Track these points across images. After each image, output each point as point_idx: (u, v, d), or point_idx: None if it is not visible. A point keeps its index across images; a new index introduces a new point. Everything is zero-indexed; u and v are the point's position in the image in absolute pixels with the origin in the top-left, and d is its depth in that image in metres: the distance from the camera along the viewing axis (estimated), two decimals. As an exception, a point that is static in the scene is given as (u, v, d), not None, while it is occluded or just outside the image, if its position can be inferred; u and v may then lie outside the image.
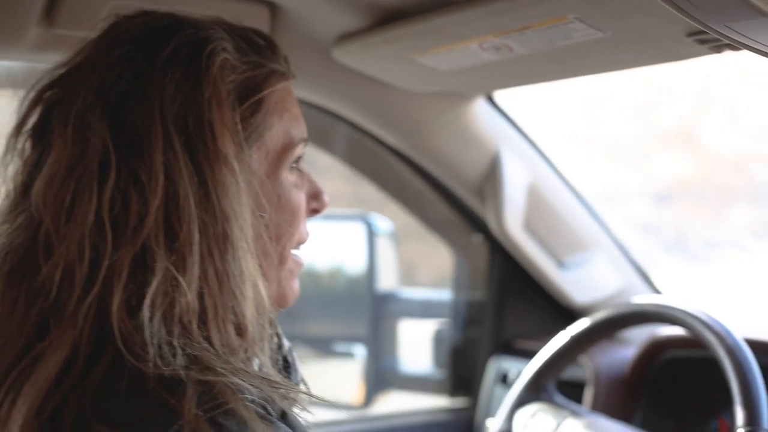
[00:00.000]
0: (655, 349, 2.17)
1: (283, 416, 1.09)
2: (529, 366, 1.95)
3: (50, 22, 1.63)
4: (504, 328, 2.61)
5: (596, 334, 1.90)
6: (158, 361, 1.04)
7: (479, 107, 2.21)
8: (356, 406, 2.92)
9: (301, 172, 1.31)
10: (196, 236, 1.10)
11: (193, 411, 1.00)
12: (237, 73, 1.22)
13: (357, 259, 3.09)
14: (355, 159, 2.47)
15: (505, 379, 2.49)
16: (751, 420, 1.54)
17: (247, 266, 1.14)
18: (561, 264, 2.47)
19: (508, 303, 2.60)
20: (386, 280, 3.05)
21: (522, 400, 1.93)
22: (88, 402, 1.05)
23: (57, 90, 1.20)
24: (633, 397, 2.20)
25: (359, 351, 3.18)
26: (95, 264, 1.09)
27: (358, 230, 2.94)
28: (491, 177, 2.31)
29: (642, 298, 1.97)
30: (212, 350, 1.08)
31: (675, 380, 2.16)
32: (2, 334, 1.12)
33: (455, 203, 2.49)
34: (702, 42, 1.49)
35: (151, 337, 1.05)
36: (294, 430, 1.09)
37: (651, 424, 2.03)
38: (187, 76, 1.16)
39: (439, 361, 2.82)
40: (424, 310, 3.18)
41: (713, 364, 1.66)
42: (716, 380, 1.72)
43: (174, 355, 1.05)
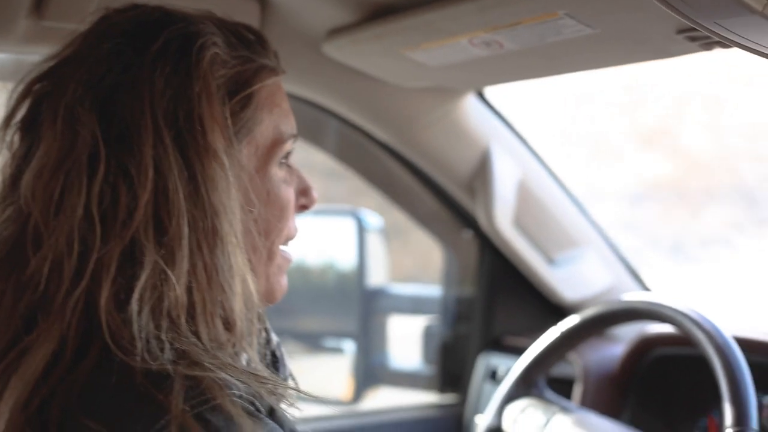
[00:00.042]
0: (644, 346, 2.17)
1: (271, 412, 1.09)
2: (519, 361, 1.96)
3: (40, 14, 1.62)
4: (493, 324, 2.61)
5: (586, 331, 1.90)
6: (146, 355, 1.04)
7: (469, 103, 2.21)
8: (345, 401, 2.92)
9: (290, 167, 1.31)
10: (186, 230, 1.10)
11: (180, 406, 1.00)
12: (227, 67, 1.21)
13: (347, 255, 3.09)
14: (345, 154, 2.46)
15: (494, 376, 2.49)
16: (740, 420, 1.54)
17: (236, 261, 1.14)
18: (551, 261, 2.47)
19: (498, 299, 2.60)
20: (376, 275, 3.05)
21: (512, 395, 1.93)
22: (75, 396, 1.05)
23: (46, 83, 1.20)
24: (622, 395, 2.20)
25: (348, 346, 3.17)
26: (84, 257, 1.09)
27: (348, 226, 2.94)
28: (481, 173, 2.31)
29: (631, 295, 1.96)
30: (200, 345, 1.08)
31: (664, 378, 2.16)
32: None
33: (445, 199, 2.49)
34: (692, 39, 1.49)
35: (140, 331, 1.05)
36: (282, 426, 1.09)
37: (640, 422, 2.03)
38: (177, 70, 1.16)
39: (428, 357, 2.82)
40: (413, 305, 3.18)
41: (702, 361, 1.66)
42: (705, 378, 1.72)
43: (162, 350, 1.05)
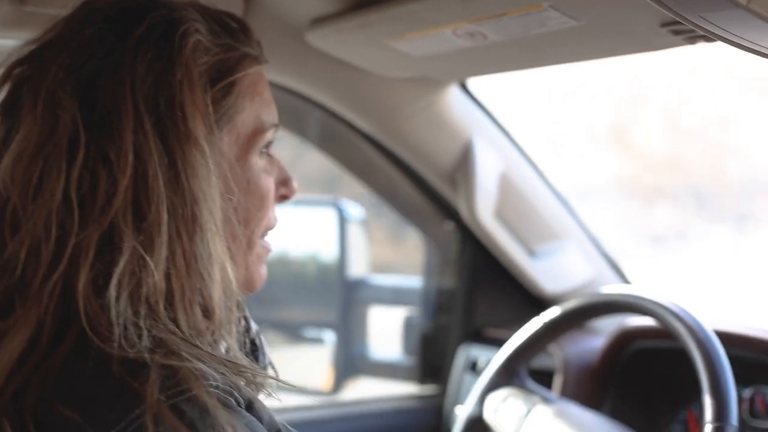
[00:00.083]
0: (624, 339, 2.18)
1: (249, 405, 1.08)
2: (500, 351, 1.95)
3: (22, -1, 1.61)
4: (474, 316, 2.61)
5: (567, 323, 1.90)
6: (123, 342, 1.03)
7: (452, 94, 2.21)
8: (325, 392, 2.92)
9: (270, 157, 1.31)
10: (165, 217, 1.09)
11: (155, 396, 1.00)
12: (209, 55, 1.21)
13: (328, 245, 3.09)
14: (326, 144, 2.45)
15: (474, 367, 2.50)
16: (720, 415, 1.53)
17: (215, 249, 1.13)
18: (532, 253, 2.47)
19: (479, 291, 2.61)
20: (357, 266, 3.04)
21: (493, 385, 1.93)
22: (51, 383, 1.05)
23: (27, 67, 1.19)
24: (602, 387, 2.20)
25: (329, 337, 3.17)
26: (62, 242, 1.08)
27: (329, 216, 2.93)
28: (463, 165, 2.30)
29: (612, 288, 1.97)
30: (179, 332, 1.08)
31: (644, 370, 2.16)
32: None
33: (427, 190, 2.49)
34: (676, 33, 1.49)
35: (117, 317, 1.04)
36: (260, 418, 1.08)
37: (619, 414, 2.03)
38: (160, 56, 1.15)
39: (408, 348, 2.82)
40: (394, 297, 3.17)
41: (682, 354, 1.66)
42: (685, 371, 1.72)
43: (139, 337, 1.04)
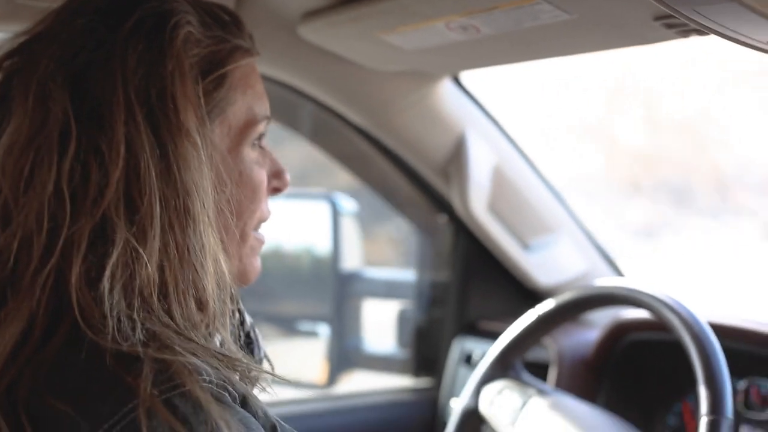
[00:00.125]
0: (619, 331, 2.18)
1: (243, 400, 1.08)
2: (496, 343, 1.95)
3: (12, -8, 1.60)
4: (468, 309, 2.61)
5: (562, 315, 1.90)
6: (116, 334, 1.03)
7: (445, 88, 2.21)
8: (320, 385, 2.92)
9: (263, 149, 1.30)
10: (157, 209, 1.09)
11: (148, 390, 0.99)
12: (201, 47, 1.21)
13: (321, 239, 3.08)
14: (319, 137, 2.45)
15: (469, 360, 2.50)
16: (715, 408, 1.53)
17: (208, 241, 1.13)
18: (525, 246, 2.47)
19: (473, 284, 2.61)
20: (350, 259, 3.04)
21: (489, 377, 1.92)
22: (43, 376, 1.04)
23: (17, 59, 1.19)
24: (596, 379, 2.20)
25: (323, 330, 3.16)
26: (54, 234, 1.08)
27: (323, 209, 2.93)
28: (456, 158, 2.30)
29: (606, 280, 1.96)
30: (173, 325, 1.08)
31: (638, 363, 2.17)
32: None
33: (420, 184, 2.48)
34: (669, 26, 1.48)
35: (111, 309, 1.04)
36: (255, 413, 1.07)
37: (614, 407, 2.02)
38: (150, 48, 1.15)
39: (403, 341, 2.82)
40: (388, 290, 3.17)
41: (677, 347, 1.66)
42: (680, 363, 1.72)
43: (133, 329, 1.04)
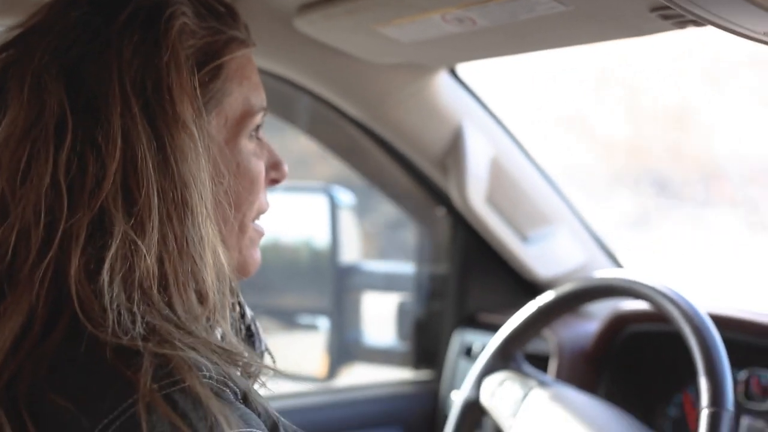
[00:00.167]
0: (618, 323, 2.18)
1: (245, 397, 1.07)
2: (496, 335, 1.95)
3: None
4: (467, 301, 2.61)
5: (562, 307, 1.90)
6: (116, 328, 1.03)
7: (442, 80, 2.21)
8: (320, 378, 2.92)
9: (260, 141, 1.30)
10: (155, 201, 1.09)
11: (148, 385, 0.99)
12: (196, 38, 1.21)
13: (320, 232, 3.08)
14: (316, 130, 2.45)
15: (469, 352, 2.50)
16: (716, 400, 1.53)
17: (206, 232, 1.13)
18: (524, 238, 2.47)
19: (471, 276, 2.61)
20: (349, 252, 3.04)
21: (490, 369, 1.92)
22: (44, 370, 1.04)
23: (12, 51, 1.18)
24: (596, 371, 2.20)
25: (323, 323, 3.16)
26: (51, 227, 1.08)
27: (321, 202, 2.93)
28: (454, 150, 2.30)
29: (605, 272, 1.96)
30: (174, 318, 1.07)
31: (638, 354, 2.17)
32: None
33: (418, 176, 2.49)
34: (665, 17, 1.48)
35: (111, 302, 1.04)
36: (256, 409, 1.07)
37: (614, 398, 2.03)
38: (146, 39, 1.15)
39: (402, 333, 2.82)
40: (387, 282, 3.18)
41: (676, 338, 1.66)
42: (680, 354, 1.72)
43: (133, 322, 1.04)
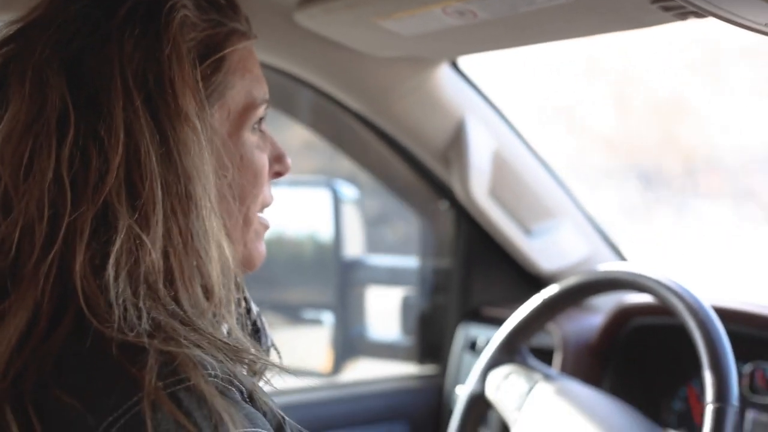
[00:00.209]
0: (623, 316, 2.17)
1: (250, 396, 1.07)
2: (502, 328, 1.95)
3: (6, -20, 1.59)
4: (471, 295, 2.62)
5: (567, 300, 1.90)
6: (122, 323, 1.03)
7: (444, 73, 2.21)
8: (325, 373, 2.92)
9: (263, 133, 1.30)
10: (159, 194, 1.09)
11: (153, 382, 0.99)
12: (197, 30, 1.20)
13: (323, 226, 3.08)
14: (318, 124, 2.44)
15: (473, 346, 2.50)
16: (720, 396, 1.52)
17: (211, 226, 1.13)
18: (527, 231, 2.47)
19: (475, 270, 2.61)
20: (352, 246, 3.04)
21: (495, 362, 1.92)
22: (49, 367, 1.04)
23: (13, 45, 1.18)
24: (601, 365, 2.20)
25: (327, 318, 3.17)
26: (55, 222, 1.07)
27: (324, 196, 2.93)
28: (456, 143, 2.30)
29: (610, 265, 1.95)
30: (180, 313, 1.07)
31: (643, 348, 2.16)
32: None
33: (420, 170, 2.49)
34: (666, 9, 1.47)
35: (117, 297, 1.04)
36: (261, 410, 1.07)
37: (619, 392, 2.03)
38: (147, 32, 1.14)
39: (407, 328, 2.82)
40: (391, 276, 3.18)
41: (681, 331, 1.65)
42: (684, 347, 1.72)
43: (139, 318, 1.03)
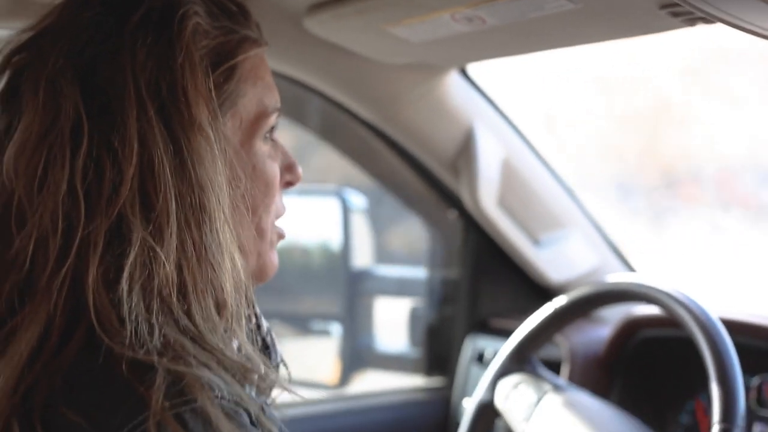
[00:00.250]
0: (631, 328, 2.17)
1: (257, 418, 1.06)
2: (512, 337, 1.94)
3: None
4: (479, 306, 2.61)
5: (576, 311, 1.90)
6: (133, 339, 1.02)
7: (453, 80, 2.20)
8: (332, 385, 2.91)
9: (274, 143, 1.29)
10: (173, 206, 1.08)
11: (160, 402, 0.98)
12: (209, 38, 1.19)
13: (332, 235, 3.08)
14: (327, 132, 2.44)
15: (481, 359, 2.49)
16: (726, 416, 1.51)
17: (224, 238, 1.12)
18: (536, 241, 2.46)
19: (483, 280, 2.60)
20: (361, 256, 3.03)
21: (505, 371, 1.91)
22: (59, 383, 1.03)
23: (26, 54, 1.17)
24: (608, 377, 2.19)
25: (335, 329, 3.16)
26: (69, 234, 1.06)
27: (333, 206, 2.92)
28: (465, 152, 2.29)
29: (618, 276, 1.94)
30: (192, 329, 1.06)
31: (651, 360, 2.15)
32: None
33: (429, 179, 2.48)
34: (675, 15, 1.47)
35: (130, 312, 1.03)
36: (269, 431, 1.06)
37: (627, 404, 2.02)
38: (159, 40, 1.14)
39: (414, 339, 2.82)
40: (399, 287, 3.17)
41: (689, 343, 1.65)
42: (692, 360, 1.71)
43: (150, 334, 1.02)
